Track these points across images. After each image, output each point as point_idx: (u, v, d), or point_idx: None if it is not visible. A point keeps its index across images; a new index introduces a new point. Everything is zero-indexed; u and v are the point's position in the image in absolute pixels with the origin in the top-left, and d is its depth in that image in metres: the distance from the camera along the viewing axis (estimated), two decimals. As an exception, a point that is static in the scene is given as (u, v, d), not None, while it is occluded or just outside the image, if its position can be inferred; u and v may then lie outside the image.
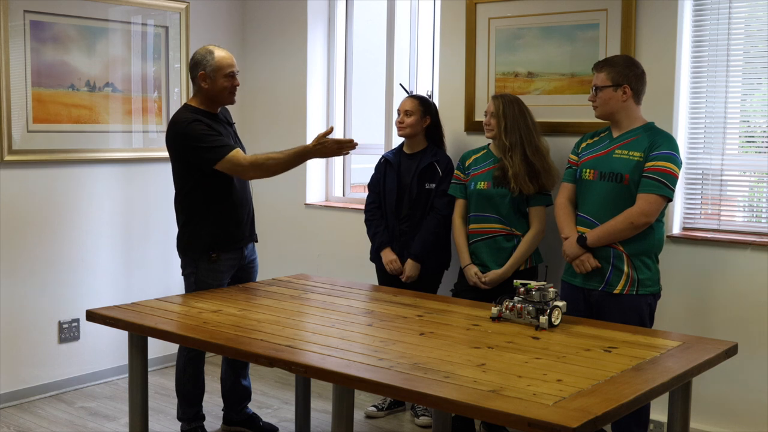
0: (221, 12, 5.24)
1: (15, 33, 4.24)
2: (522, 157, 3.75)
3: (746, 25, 3.72)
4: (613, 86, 3.38)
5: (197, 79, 3.64)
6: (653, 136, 3.36)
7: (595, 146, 3.51)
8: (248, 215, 3.82)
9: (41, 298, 4.48)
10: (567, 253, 3.46)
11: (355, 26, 5.20)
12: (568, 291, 3.54)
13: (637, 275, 3.35)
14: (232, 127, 3.82)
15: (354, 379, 2.42)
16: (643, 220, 3.30)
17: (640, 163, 3.33)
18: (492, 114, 3.82)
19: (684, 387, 2.71)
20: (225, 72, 3.63)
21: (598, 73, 3.43)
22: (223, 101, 3.72)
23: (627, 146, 3.39)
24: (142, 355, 3.22)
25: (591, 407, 2.11)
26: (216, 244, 3.68)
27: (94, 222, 4.68)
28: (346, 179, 5.29)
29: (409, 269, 4.06)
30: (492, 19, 4.25)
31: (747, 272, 3.61)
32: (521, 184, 3.74)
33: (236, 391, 3.98)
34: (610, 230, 3.34)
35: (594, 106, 3.47)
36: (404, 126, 4.12)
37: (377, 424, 4.17)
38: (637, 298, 3.36)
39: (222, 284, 3.73)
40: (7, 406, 4.33)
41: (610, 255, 3.37)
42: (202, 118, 3.60)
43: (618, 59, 3.47)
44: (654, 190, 3.29)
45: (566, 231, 3.50)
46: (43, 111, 4.40)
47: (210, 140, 3.54)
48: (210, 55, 3.62)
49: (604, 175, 3.40)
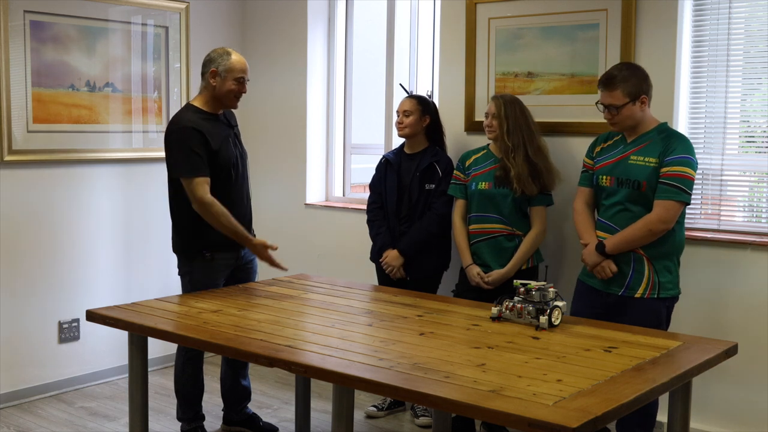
0: (221, 12, 5.24)
1: (15, 33, 4.24)
2: (524, 158, 3.75)
3: (746, 25, 3.72)
4: (631, 101, 3.32)
5: (207, 76, 3.67)
6: (667, 140, 3.33)
7: (610, 151, 3.48)
8: (244, 217, 3.80)
9: (41, 298, 4.48)
10: (587, 262, 3.44)
11: (355, 26, 5.20)
12: (585, 292, 3.52)
13: (658, 278, 3.34)
14: (233, 130, 3.82)
15: (354, 379, 2.42)
16: (661, 227, 3.28)
17: (656, 168, 3.30)
18: (493, 115, 3.81)
19: (684, 387, 2.71)
20: (236, 75, 3.65)
21: (611, 91, 3.32)
22: (227, 104, 3.73)
23: (641, 152, 3.35)
24: (142, 355, 3.22)
25: (591, 407, 2.11)
26: (210, 244, 3.68)
27: (94, 222, 4.68)
28: (346, 179, 5.29)
29: (391, 258, 4.06)
30: (492, 19, 4.25)
31: (747, 272, 3.61)
32: (524, 185, 3.74)
33: (236, 391, 3.98)
34: (629, 237, 3.32)
35: (612, 123, 3.38)
36: (403, 126, 4.12)
37: (377, 424, 4.16)
38: (657, 301, 3.35)
39: (217, 284, 3.72)
40: (7, 406, 4.33)
41: (631, 259, 3.35)
42: (201, 123, 3.61)
43: (625, 72, 3.34)
44: (671, 197, 3.26)
45: (585, 237, 3.48)
46: (43, 111, 4.40)
47: (190, 155, 3.56)
48: (226, 56, 3.66)
49: (622, 181, 3.37)
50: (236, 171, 3.74)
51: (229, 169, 3.70)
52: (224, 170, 3.68)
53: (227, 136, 3.72)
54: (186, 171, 3.58)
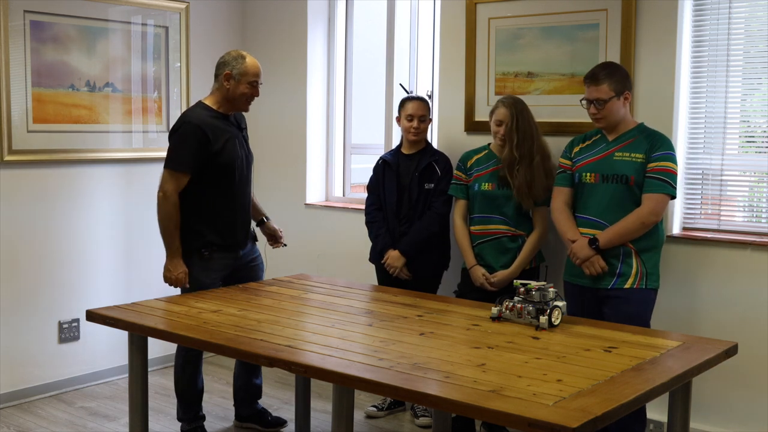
0: (221, 12, 5.24)
1: (15, 33, 4.24)
2: (527, 168, 3.73)
3: (746, 25, 3.71)
4: (617, 96, 3.41)
5: (221, 78, 3.70)
6: (651, 138, 3.44)
7: (590, 150, 3.55)
8: (243, 222, 3.82)
9: (41, 298, 4.48)
10: (578, 256, 3.46)
11: (355, 26, 5.20)
12: (572, 291, 3.56)
13: (646, 269, 3.42)
14: (242, 132, 3.85)
15: (354, 379, 2.42)
16: (653, 219, 3.38)
17: (643, 164, 3.40)
18: (505, 124, 3.77)
19: (684, 387, 2.71)
20: (249, 79, 3.69)
21: (598, 86, 3.42)
22: (239, 107, 3.77)
23: (626, 148, 3.44)
24: (142, 355, 3.22)
25: (591, 407, 2.11)
26: (208, 243, 3.70)
27: (94, 222, 4.68)
28: (346, 179, 5.29)
29: (392, 259, 4.06)
30: (492, 19, 4.25)
31: (747, 272, 3.61)
32: (522, 198, 3.74)
33: (248, 389, 4.03)
34: (622, 231, 3.39)
35: (598, 118, 3.46)
36: (420, 132, 4.11)
37: (377, 424, 4.16)
38: (646, 291, 3.43)
39: (215, 283, 3.73)
40: (7, 406, 4.33)
41: (620, 252, 3.41)
42: (208, 121, 3.64)
43: (610, 69, 3.47)
44: (661, 190, 3.37)
45: (570, 234, 3.52)
46: (43, 111, 4.40)
47: (181, 150, 3.62)
48: (241, 59, 3.69)
49: (607, 177, 3.45)
50: (240, 173, 3.75)
51: (232, 170, 3.71)
52: (226, 170, 3.69)
53: (234, 136, 3.74)
54: (169, 162, 3.64)
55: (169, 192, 3.61)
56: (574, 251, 3.49)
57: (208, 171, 3.65)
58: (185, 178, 3.62)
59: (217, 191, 3.68)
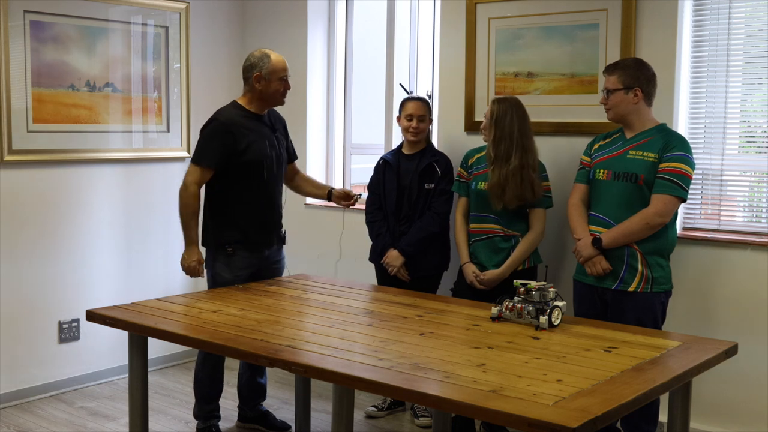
0: (221, 12, 5.24)
1: (15, 33, 4.24)
2: (504, 169, 3.68)
3: (746, 25, 3.72)
4: (624, 89, 3.38)
5: (251, 80, 3.76)
6: (667, 138, 3.37)
7: (608, 147, 3.51)
8: (270, 221, 3.86)
9: (41, 298, 4.48)
10: (581, 254, 3.45)
11: (355, 26, 5.20)
12: (581, 290, 3.54)
13: (651, 273, 3.37)
14: (275, 133, 3.88)
15: (354, 379, 2.42)
16: (658, 220, 3.32)
17: (655, 163, 3.34)
18: (488, 120, 3.78)
19: (684, 387, 2.71)
20: (279, 75, 3.75)
21: (609, 76, 3.43)
22: (275, 102, 3.84)
23: (641, 147, 3.39)
24: (142, 355, 3.22)
25: (591, 407, 2.11)
26: (232, 240, 3.75)
27: (94, 222, 4.68)
28: (346, 179, 5.29)
29: (391, 258, 4.06)
30: (492, 19, 4.25)
31: (747, 272, 3.61)
32: (493, 198, 3.71)
33: (251, 387, 4.04)
34: (626, 231, 3.35)
35: (606, 108, 3.47)
36: (419, 131, 4.11)
37: (377, 424, 4.16)
38: (652, 295, 3.37)
39: (237, 280, 3.75)
40: (7, 406, 4.33)
41: (625, 254, 3.38)
42: (237, 120, 3.72)
43: (629, 62, 3.46)
44: (669, 191, 3.30)
45: (579, 232, 3.50)
46: (43, 111, 4.40)
47: (205, 146, 3.72)
48: (267, 58, 3.74)
49: (619, 175, 3.41)
50: (269, 172, 3.79)
51: (258, 169, 3.75)
52: (252, 168, 3.73)
53: (264, 136, 3.78)
54: (194, 155, 3.76)
55: (189, 183, 3.70)
56: (578, 249, 3.48)
57: (233, 168, 3.71)
58: (208, 173, 3.71)
59: (243, 189, 3.74)
